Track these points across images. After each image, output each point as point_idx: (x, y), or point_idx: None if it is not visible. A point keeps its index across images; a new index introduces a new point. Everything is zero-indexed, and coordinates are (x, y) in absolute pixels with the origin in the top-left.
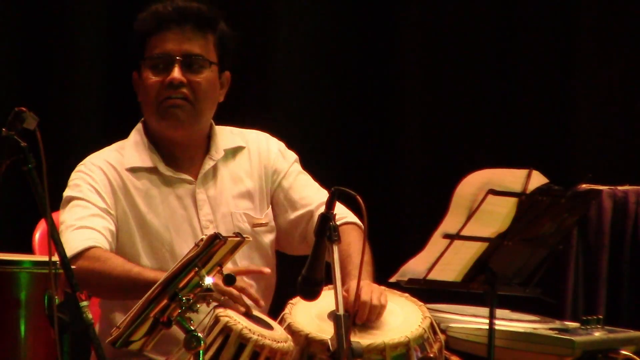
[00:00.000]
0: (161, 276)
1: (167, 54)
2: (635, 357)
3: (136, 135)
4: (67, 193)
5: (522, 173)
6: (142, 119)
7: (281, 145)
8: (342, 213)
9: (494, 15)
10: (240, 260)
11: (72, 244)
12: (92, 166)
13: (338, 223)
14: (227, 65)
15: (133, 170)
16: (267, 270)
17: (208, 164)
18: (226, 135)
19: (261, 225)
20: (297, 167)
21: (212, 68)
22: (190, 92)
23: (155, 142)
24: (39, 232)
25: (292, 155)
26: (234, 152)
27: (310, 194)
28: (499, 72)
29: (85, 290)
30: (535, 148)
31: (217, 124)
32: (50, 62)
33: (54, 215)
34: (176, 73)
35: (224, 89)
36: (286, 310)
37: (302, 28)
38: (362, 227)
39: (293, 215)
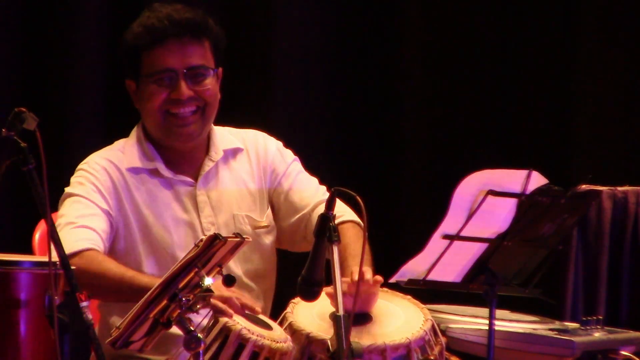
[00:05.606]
0: (154, 282)
1: (171, 69)
2: (635, 357)
3: (136, 135)
4: (69, 190)
5: (521, 174)
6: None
7: (279, 144)
8: (340, 211)
9: (494, 16)
10: (242, 262)
11: (71, 242)
12: (96, 165)
13: (336, 222)
14: (220, 63)
15: (134, 170)
16: (258, 310)
17: (208, 165)
18: (224, 136)
19: (262, 227)
20: (296, 166)
21: (213, 74)
22: (199, 102)
23: (155, 144)
24: (39, 232)
25: (291, 154)
26: (234, 152)
27: (309, 194)
28: (499, 72)
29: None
30: (535, 148)
31: (218, 123)
32: (50, 63)
33: (54, 215)
34: (184, 89)
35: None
36: (288, 309)
37: (303, 27)
38: (361, 224)
39: (294, 217)
